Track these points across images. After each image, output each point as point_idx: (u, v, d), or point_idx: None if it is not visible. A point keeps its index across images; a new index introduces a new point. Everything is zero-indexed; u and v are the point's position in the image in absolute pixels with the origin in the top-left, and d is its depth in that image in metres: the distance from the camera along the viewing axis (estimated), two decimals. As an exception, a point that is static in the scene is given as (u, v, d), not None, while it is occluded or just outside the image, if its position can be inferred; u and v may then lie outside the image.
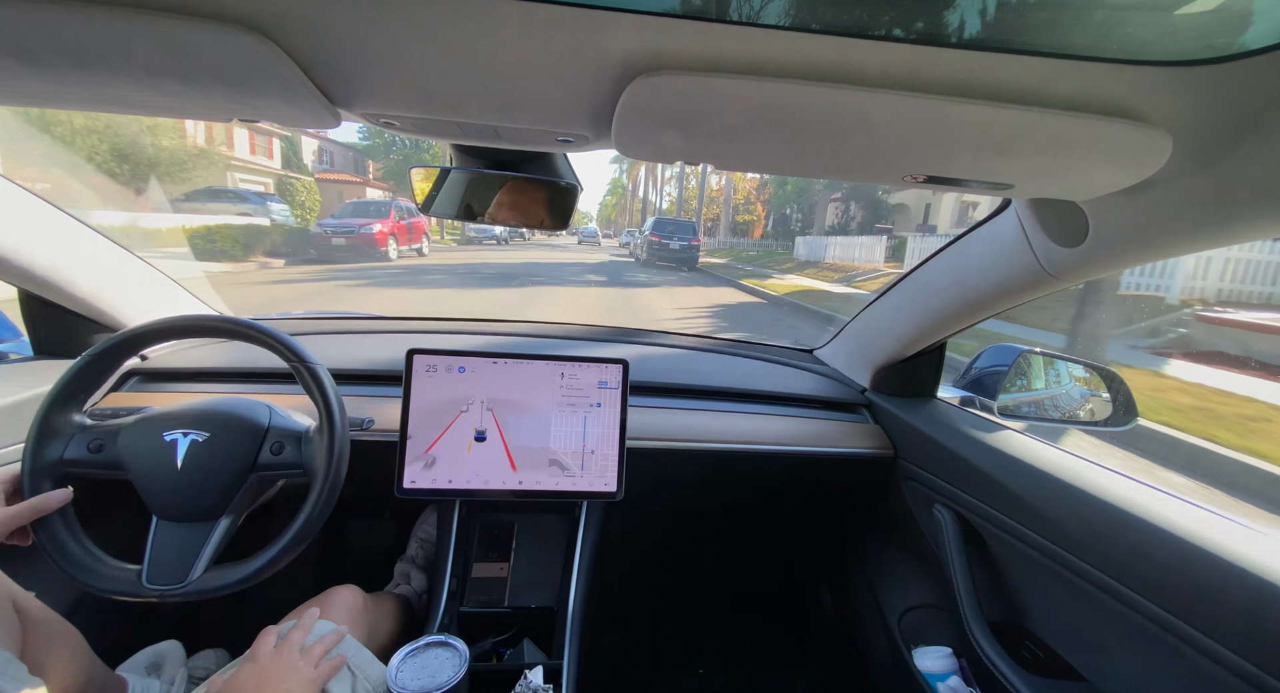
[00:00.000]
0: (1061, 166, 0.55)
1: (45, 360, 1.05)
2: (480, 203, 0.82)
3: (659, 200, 42.38)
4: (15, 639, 0.69)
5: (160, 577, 0.73)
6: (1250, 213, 0.54)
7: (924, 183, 0.61)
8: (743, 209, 30.30)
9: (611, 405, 1.04)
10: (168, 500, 0.76)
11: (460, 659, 0.75)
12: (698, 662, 1.45)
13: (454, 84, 0.50)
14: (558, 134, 0.61)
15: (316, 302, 6.90)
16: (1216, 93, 0.46)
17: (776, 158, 0.60)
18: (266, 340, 0.79)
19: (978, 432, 1.04)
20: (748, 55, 0.44)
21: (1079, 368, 1.10)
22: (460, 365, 1.01)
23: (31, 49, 0.45)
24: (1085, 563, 0.77)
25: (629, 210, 51.57)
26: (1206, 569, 0.64)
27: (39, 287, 0.97)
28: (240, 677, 0.69)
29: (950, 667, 0.99)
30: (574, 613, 0.99)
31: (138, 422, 0.79)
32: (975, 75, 0.45)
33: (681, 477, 1.21)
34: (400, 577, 1.22)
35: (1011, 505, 0.90)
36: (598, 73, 0.47)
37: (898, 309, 1.16)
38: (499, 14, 0.41)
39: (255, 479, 0.80)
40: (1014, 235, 0.81)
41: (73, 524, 0.74)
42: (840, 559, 1.44)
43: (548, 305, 7.42)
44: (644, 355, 1.36)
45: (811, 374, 1.39)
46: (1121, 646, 0.74)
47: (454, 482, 0.98)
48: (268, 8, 0.42)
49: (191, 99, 0.55)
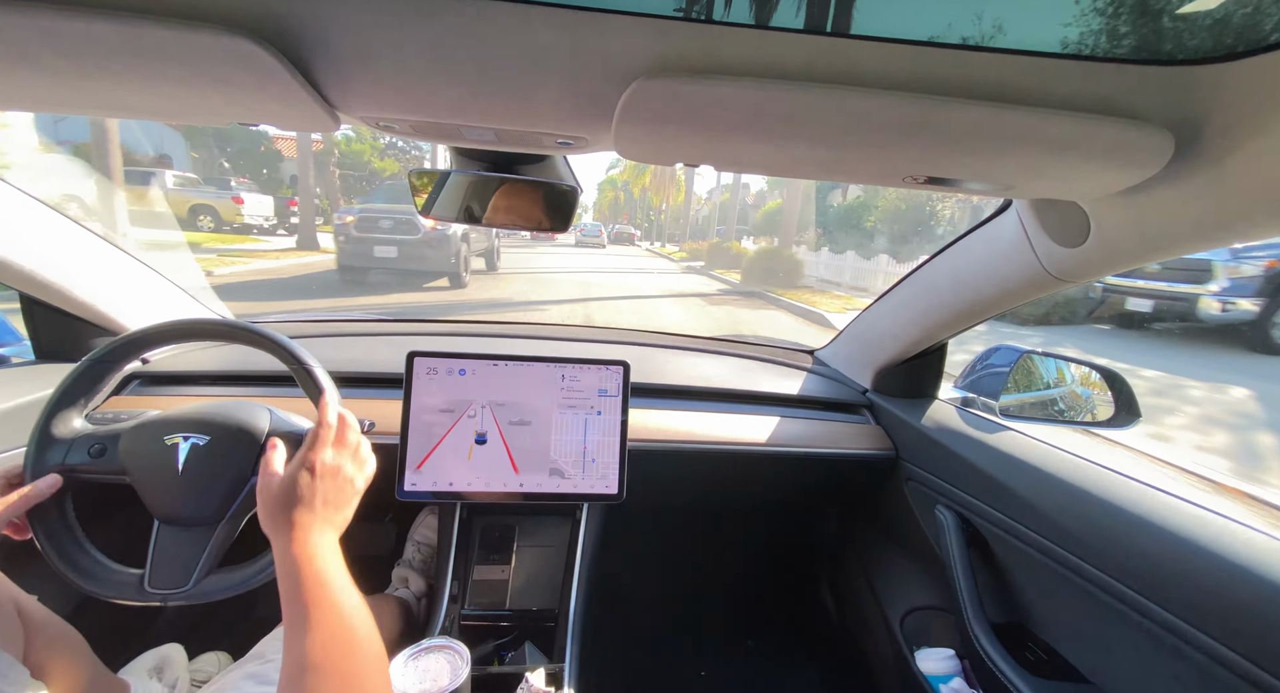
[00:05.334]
0: (1063, 167, 0.55)
1: (46, 364, 1.05)
2: (480, 206, 0.82)
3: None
4: (18, 643, 0.69)
5: (162, 581, 0.73)
6: (1252, 212, 0.54)
7: (924, 184, 0.61)
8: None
9: (613, 407, 1.04)
10: (169, 504, 0.75)
11: (461, 662, 0.75)
12: (700, 664, 1.45)
13: (453, 87, 0.50)
14: (557, 136, 0.61)
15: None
16: (1218, 92, 0.45)
17: (776, 160, 0.59)
18: (267, 343, 0.79)
19: (979, 432, 1.04)
20: (747, 57, 0.44)
21: (1080, 368, 1.10)
22: (461, 368, 1.01)
23: (31, 53, 0.45)
24: (1088, 564, 0.77)
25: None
26: (1211, 570, 0.63)
27: (40, 290, 0.97)
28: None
29: (953, 668, 0.98)
30: (575, 615, 0.98)
31: (138, 426, 0.79)
32: (976, 76, 0.45)
33: (683, 478, 1.21)
34: (398, 581, 1.22)
35: (1014, 506, 0.90)
36: (597, 75, 0.47)
37: (899, 310, 1.16)
38: (498, 17, 0.41)
39: (257, 482, 0.80)
40: (1015, 236, 0.81)
41: (74, 529, 0.74)
42: (842, 561, 1.44)
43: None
44: (645, 357, 1.35)
45: (813, 375, 1.39)
46: (1124, 647, 0.74)
47: (455, 485, 0.98)
48: (266, 13, 0.42)
49: (190, 103, 0.55)
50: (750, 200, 26.09)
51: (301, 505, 0.63)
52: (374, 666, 0.52)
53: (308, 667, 0.48)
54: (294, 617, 0.53)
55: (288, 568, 0.57)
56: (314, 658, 0.49)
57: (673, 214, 35.72)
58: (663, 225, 35.79)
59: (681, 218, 33.96)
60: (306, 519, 0.62)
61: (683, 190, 31.04)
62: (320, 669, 0.48)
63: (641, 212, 42.21)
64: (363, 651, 0.52)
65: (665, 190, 31.73)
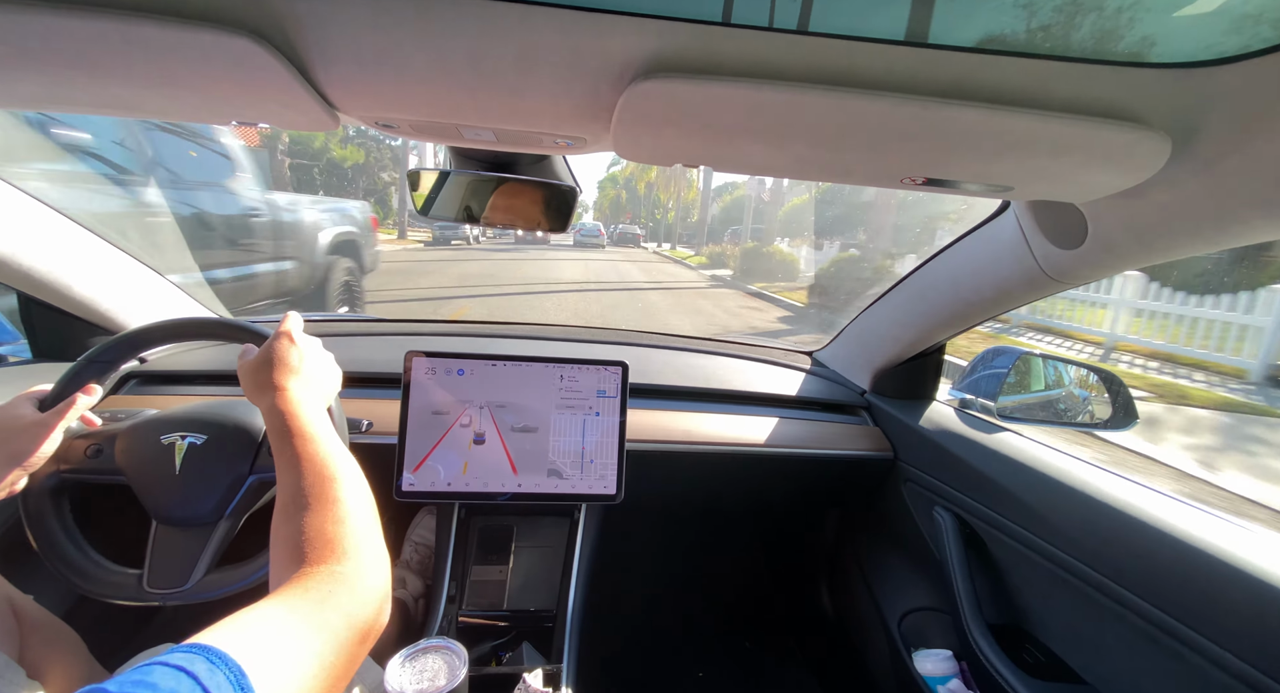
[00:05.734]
0: (1060, 169, 0.55)
1: (43, 363, 1.05)
2: (479, 206, 0.82)
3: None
4: (14, 643, 0.69)
5: (161, 581, 0.73)
6: (1248, 215, 0.55)
7: (923, 185, 0.62)
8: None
9: (611, 408, 1.04)
10: (167, 504, 0.75)
11: (459, 663, 0.75)
12: (697, 665, 1.45)
13: (453, 87, 0.51)
14: (557, 137, 0.61)
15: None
16: (1215, 95, 0.46)
17: (776, 161, 0.60)
18: (265, 342, 0.79)
19: (977, 434, 1.04)
20: (746, 58, 0.44)
21: (1078, 370, 1.10)
22: (459, 368, 1.01)
23: (31, 52, 0.45)
24: (1086, 566, 0.77)
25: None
26: (1207, 572, 0.63)
27: (37, 289, 0.97)
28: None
29: (950, 670, 0.98)
30: (573, 616, 0.98)
31: (135, 425, 0.79)
32: (974, 78, 0.45)
33: (681, 479, 1.21)
34: (395, 582, 1.22)
35: (1012, 508, 0.90)
36: (596, 76, 0.47)
37: (897, 311, 1.16)
38: (497, 17, 0.41)
39: (254, 481, 0.79)
40: (1013, 237, 0.81)
41: (72, 530, 0.74)
42: (840, 562, 1.44)
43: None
44: (643, 357, 1.35)
45: (811, 376, 1.39)
46: (1122, 648, 0.74)
47: (453, 485, 0.98)
48: (266, 13, 0.42)
49: (189, 102, 0.55)
50: (766, 197, 21.67)
51: (283, 366, 0.66)
52: (359, 494, 0.56)
53: (298, 501, 0.52)
54: (284, 462, 0.57)
55: (275, 423, 0.60)
56: (305, 494, 0.52)
57: (681, 212, 32.62)
58: (670, 225, 32.77)
59: (693, 216, 30.57)
60: (288, 378, 0.65)
61: (694, 186, 28.28)
62: (308, 501, 0.52)
63: (646, 210, 39.74)
64: (347, 482, 0.55)
65: (675, 186, 29.23)
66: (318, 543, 0.48)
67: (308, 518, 0.50)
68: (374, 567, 0.49)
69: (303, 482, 0.54)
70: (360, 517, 0.53)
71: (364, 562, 0.48)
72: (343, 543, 0.49)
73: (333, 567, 0.46)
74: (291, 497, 0.53)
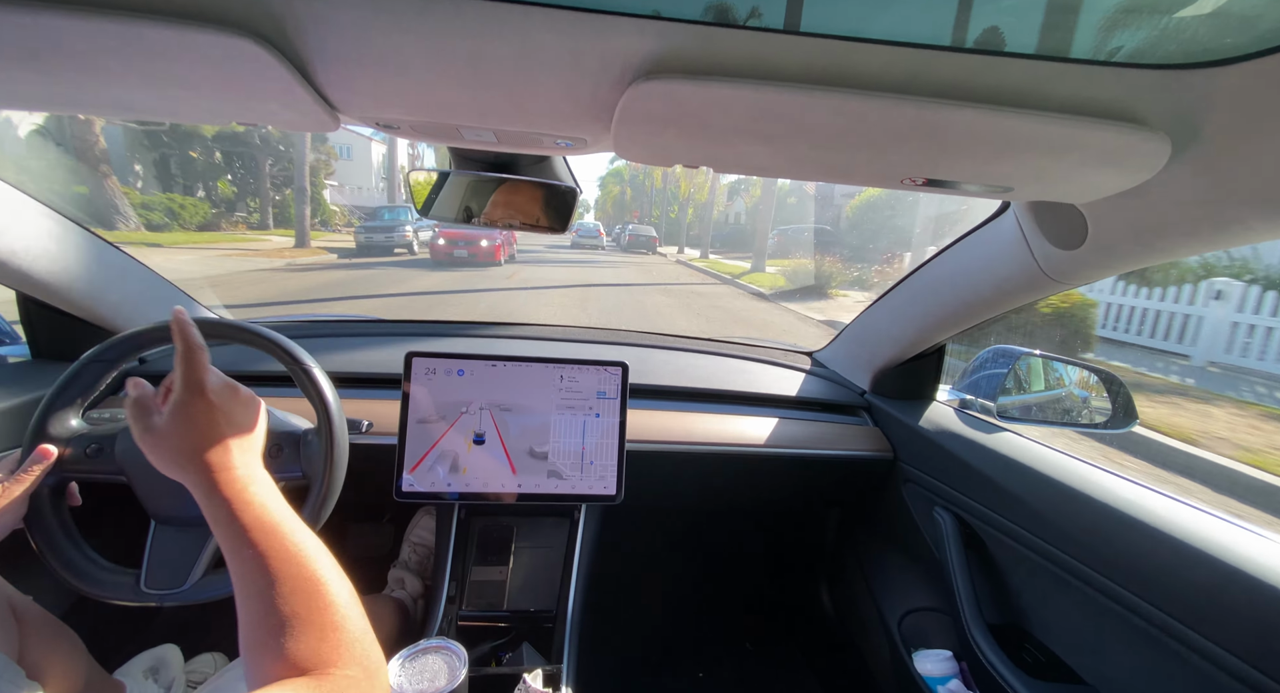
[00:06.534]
0: (1060, 169, 0.55)
1: (43, 363, 1.05)
2: (479, 206, 0.82)
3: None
4: (13, 643, 0.69)
5: (159, 581, 0.73)
6: (1247, 215, 0.55)
7: (923, 186, 0.62)
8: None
9: (611, 409, 1.04)
10: (165, 504, 0.75)
11: (459, 663, 0.75)
12: (697, 665, 1.45)
13: (453, 88, 0.50)
14: (557, 137, 0.61)
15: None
16: (1214, 96, 0.46)
17: (776, 161, 0.60)
18: (264, 343, 0.79)
19: (977, 434, 1.04)
20: (746, 59, 0.44)
21: (1078, 370, 1.10)
22: (459, 368, 1.01)
23: (32, 52, 0.45)
24: (1086, 566, 0.77)
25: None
26: (1208, 572, 0.63)
27: (37, 289, 0.97)
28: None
29: (950, 670, 0.98)
30: (573, 616, 0.98)
31: None
32: (974, 78, 0.45)
33: (681, 479, 1.21)
34: (395, 582, 1.22)
35: (1012, 508, 0.90)
36: (596, 76, 0.47)
37: (897, 312, 1.16)
38: (498, 17, 0.41)
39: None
40: (1013, 238, 0.81)
41: (70, 529, 0.74)
42: (840, 562, 1.44)
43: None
44: (643, 357, 1.35)
45: (811, 376, 1.39)
46: (1122, 649, 0.74)
47: (453, 485, 0.98)
48: (266, 13, 0.42)
49: (189, 103, 0.55)
50: (810, 189, 16.37)
51: (207, 436, 0.52)
52: (351, 610, 0.46)
53: (275, 616, 0.42)
54: (246, 571, 0.45)
55: (219, 516, 0.48)
56: (284, 614, 0.42)
57: (699, 211, 25.39)
58: (688, 224, 25.86)
59: (759, 215, 15.60)
60: (219, 453, 0.52)
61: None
62: (294, 626, 0.42)
63: (660, 207, 33.78)
64: (335, 596, 0.46)
65: (700, 176, 21.52)
66: (312, 662, 0.41)
67: (295, 637, 0.42)
68: (379, 670, 0.44)
69: (276, 590, 0.44)
70: (356, 616, 0.46)
71: (370, 666, 0.43)
72: (344, 653, 0.42)
73: (341, 671, 0.41)
74: (265, 611, 0.43)
